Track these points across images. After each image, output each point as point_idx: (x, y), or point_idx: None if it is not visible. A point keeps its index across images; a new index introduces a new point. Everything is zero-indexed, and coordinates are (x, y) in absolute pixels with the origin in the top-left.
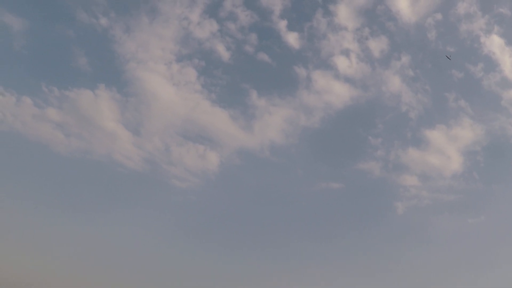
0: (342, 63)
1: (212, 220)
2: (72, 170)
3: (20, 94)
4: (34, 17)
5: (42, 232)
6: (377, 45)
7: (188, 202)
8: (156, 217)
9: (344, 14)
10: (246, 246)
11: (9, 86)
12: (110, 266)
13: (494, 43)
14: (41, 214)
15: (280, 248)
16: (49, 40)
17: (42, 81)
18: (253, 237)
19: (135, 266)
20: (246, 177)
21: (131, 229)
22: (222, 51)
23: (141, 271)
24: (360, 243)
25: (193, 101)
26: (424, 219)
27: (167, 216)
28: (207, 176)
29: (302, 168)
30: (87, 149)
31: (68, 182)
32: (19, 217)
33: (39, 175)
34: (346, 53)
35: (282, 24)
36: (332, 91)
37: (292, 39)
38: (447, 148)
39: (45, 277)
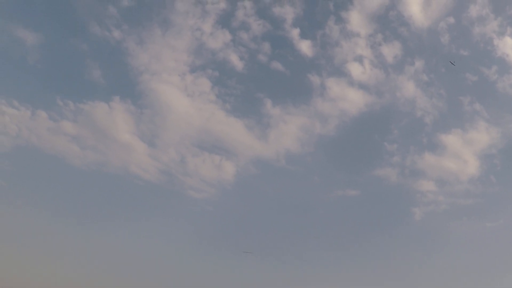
0: (355, 70)
1: (229, 229)
2: (89, 183)
3: (35, 108)
4: (48, 31)
5: (62, 243)
6: (390, 51)
7: (204, 212)
8: (173, 228)
9: (356, 21)
10: (263, 255)
11: (24, 100)
12: (129, 277)
13: (508, 45)
14: (60, 226)
15: (297, 256)
16: (63, 53)
17: (57, 94)
18: (270, 246)
19: (154, 276)
20: (262, 186)
21: (149, 240)
22: (236, 61)
23: (159, 281)
24: (378, 250)
25: (207, 112)
26: (441, 224)
27: (184, 226)
28: (223, 186)
29: (318, 176)
30: (103, 161)
31: (85, 194)
32: (38, 228)
33: (56, 187)
34: (359, 59)
35: (295, 32)
36: (347, 98)
37: (305, 47)
38: (463, 152)
39: (65, 286)
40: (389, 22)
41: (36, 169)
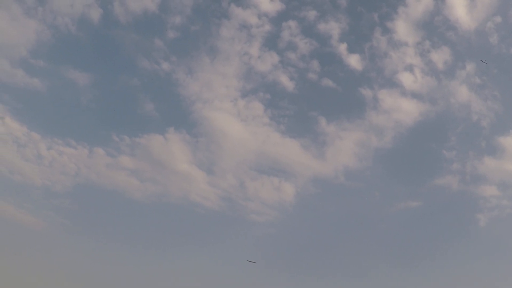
0: (407, 79)
1: (293, 250)
2: (151, 214)
3: (92, 146)
4: (98, 70)
5: (132, 273)
6: (440, 57)
7: (267, 235)
8: (237, 252)
9: (402, 30)
10: (329, 274)
11: (80, 139)
12: None
13: None
14: (127, 257)
15: (363, 274)
16: (114, 90)
17: (112, 130)
18: (335, 264)
19: None
20: (323, 205)
21: (214, 265)
22: (286, 82)
23: None
24: (445, 261)
25: (262, 135)
26: (507, 229)
27: (248, 250)
28: (284, 207)
29: (379, 190)
30: (163, 192)
31: (148, 225)
32: (106, 262)
33: (119, 221)
34: (409, 68)
35: (342, 47)
36: (401, 108)
37: (354, 61)
38: None
39: None
40: (435, 28)
41: (97, 205)
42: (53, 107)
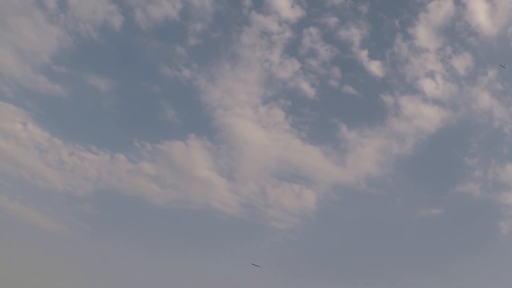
0: (428, 86)
1: (314, 258)
2: (172, 220)
3: (113, 152)
4: (119, 76)
5: (153, 278)
6: (461, 63)
7: (288, 242)
8: (258, 260)
9: (423, 36)
10: (351, 281)
11: (102, 145)
12: None
13: None
14: (147, 262)
15: (385, 281)
16: (136, 97)
17: (134, 137)
18: (357, 271)
19: None
20: (344, 212)
21: (234, 271)
22: (307, 88)
23: None
24: (467, 269)
25: (283, 142)
26: None
27: (269, 257)
28: (305, 214)
29: (400, 197)
30: (184, 198)
31: (169, 231)
32: (127, 267)
33: (140, 227)
34: (431, 75)
35: (363, 54)
36: (422, 115)
37: (375, 67)
38: None
39: None
40: (456, 34)
41: (118, 210)
42: (75, 113)
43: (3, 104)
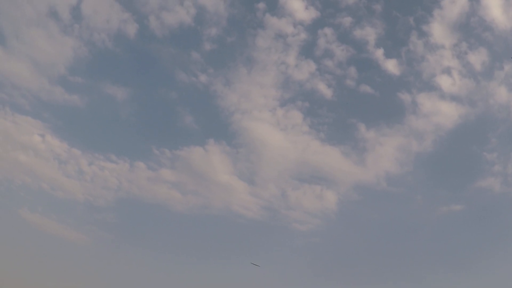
0: (445, 82)
1: (337, 259)
2: (194, 226)
3: (132, 160)
4: (135, 84)
5: (177, 283)
6: (478, 58)
7: (311, 244)
8: (281, 263)
9: (439, 32)
10: (376, 281)
11: (121, 153)
12: None
13: None
14: (173, 267)
15: (411, 279)
16: (153, 104)
17: (152, 144)
18: (382, 270)
19: None
20: (366, 212)
21: (258, 274)
22: (324, 89)
23: None
24: (491, 264)
25: (302, 143)
26: None
27: (292, 260)
28: (326, 215)
29: (421, 194)
30: (204, 204)
31: (192, 237)
32: (154, 272)
33: (163, 234)
34: (447, 71)
35: (379, 52)
36: (440, 112)
37: (391, 66)
38: None
39: None
40: (472, 29)
41: (140, 218)
42: (92, 123)
43: (21, 116)
